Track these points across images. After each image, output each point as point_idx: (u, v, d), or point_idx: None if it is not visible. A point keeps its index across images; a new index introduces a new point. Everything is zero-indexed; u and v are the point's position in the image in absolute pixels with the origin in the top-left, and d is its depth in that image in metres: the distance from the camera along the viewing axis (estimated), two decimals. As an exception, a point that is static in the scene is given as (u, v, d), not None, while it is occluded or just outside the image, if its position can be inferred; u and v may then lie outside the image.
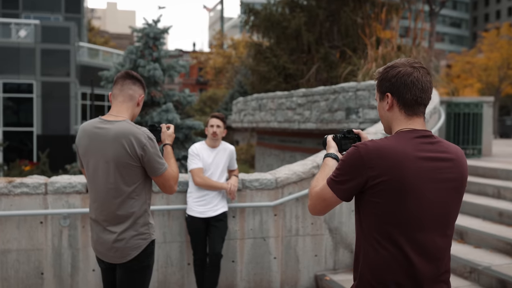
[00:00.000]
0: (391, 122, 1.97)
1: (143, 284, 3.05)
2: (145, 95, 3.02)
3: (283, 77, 15.87)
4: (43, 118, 24.30)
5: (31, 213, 4.50)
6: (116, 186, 2.92)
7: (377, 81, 2.01)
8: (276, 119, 11.71)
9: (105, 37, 57.45)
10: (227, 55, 42.79)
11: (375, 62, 10.32)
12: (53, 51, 24.52)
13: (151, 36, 10.29)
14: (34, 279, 4.60)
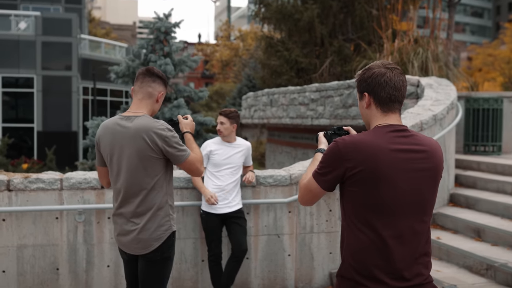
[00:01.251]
0: (369, 119, 2.29)
1: (164, 275, 3.34)
2: (158, 87, 3.36)
3: (295, 71, 16.08)
4: (43, 114, 24.62)
5: (46, 209, 4.79)
6: (139, 179, 3.22)
7: (356, 82, 2.32)
8: (288, 115, 11.95)
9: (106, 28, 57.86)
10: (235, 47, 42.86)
11: (391, 56, 10.53)
12: (54, 43, 24.84)
13: (162, 30, 10.57)
14: (49, 274, 4.90)
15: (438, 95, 7.54)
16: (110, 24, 70.66)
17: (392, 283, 2.12)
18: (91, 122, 11.00)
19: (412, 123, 6.22)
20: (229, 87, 42.20)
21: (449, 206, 6.79)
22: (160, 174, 3.27)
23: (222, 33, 49.29)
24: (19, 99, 25.49)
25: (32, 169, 16.13)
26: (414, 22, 12.74)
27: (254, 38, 37.83)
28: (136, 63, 10.70)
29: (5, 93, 24.83)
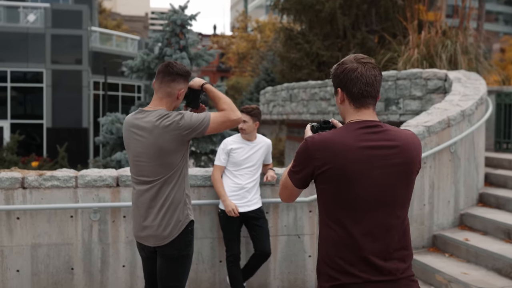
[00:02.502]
0: (344, 114, 2.41)
1: (182, 274, 3.50)
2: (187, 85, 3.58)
3: (316, 64, 16.13)
4: (53, 110, 24.95)
5: (61, 207, 4.95)
6: (156, 171, 3.41)
7: (331, 77, 2.44)
8: (308, 110, 12.03)
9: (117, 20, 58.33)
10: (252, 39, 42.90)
11: (417, 48, 10.55)
12: (64, 36, 25.16)
13: (178, 23, 10.71)
14: (64, 274, 5.06)
15: (466, 89, 7.57)
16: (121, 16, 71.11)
17: (365, 276, 2.24)
18: (104, 119, 11.19)
19: (438, 119, 6.27)
20: (246, 81, 42.25)
21: (478, 207, 6.83)
22: (177, 167, 3.43)
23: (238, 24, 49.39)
24: (27, 94, 25.86)
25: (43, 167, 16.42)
26: (443, 12, 12.71)
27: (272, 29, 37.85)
28: (151, 57, 10.85)
29: (13, 88, 25.21)
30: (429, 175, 6.12)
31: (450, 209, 6.36)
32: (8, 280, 4.93)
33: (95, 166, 11.45)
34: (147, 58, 10.90)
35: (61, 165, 15.87)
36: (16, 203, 4.91)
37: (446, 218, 6.32)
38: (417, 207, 6.02)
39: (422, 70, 8.62)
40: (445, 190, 6.29)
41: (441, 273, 5.29)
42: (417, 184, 6.00)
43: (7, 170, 5.16)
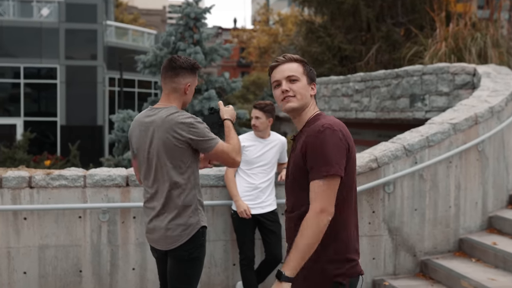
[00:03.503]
0: (310, 104, 2.73)
1: (192, 276, 3.55)
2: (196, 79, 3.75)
3: (338, 59, 16.05)
4: (67, 107, 25.19)
5: (69, 207, 4.99)
6: (165, 172, 3.46)
7: (304, 66, 2.73)
8: (330, 107, 11.98)
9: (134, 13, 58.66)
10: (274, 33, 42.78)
11: (444, 42, 10.44)
12: (79, 31, 25.38)
13: (192, 16, 10.72)
14: (72, 276, 5.10)
15: (496, 85, 7.47)
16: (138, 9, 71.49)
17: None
18: (116, 116, 11.26)
19: (465, 116, 6.20)
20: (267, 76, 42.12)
21: (508, 209, 6.73)
22: (187, 167, 3.48)
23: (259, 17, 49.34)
24: (41, 91, 26.14)
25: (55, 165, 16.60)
26: (473, 3, 12.56)
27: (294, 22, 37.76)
28: (163, 52, 10.89)
29: (26, 84, 25.49)
30: (455, 175, 6.05)
31: (477, 211, 6.28)
32: (15, 282, 4.99)
33: (107, 165, 11.53)
34: (160, 53, 10.94)
35: (72, 163, 16.03)
36: (23, 203, 4.96)
37: (474, 221, 6.24)
38: (442, 208, 5.95)
39: (450, 65, 8.53)
40: (473, 191, 6.21)
41: (467, 279, 5.22)
42: (442, 185, 5.94)
43: (14, 169, 5.22)
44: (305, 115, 2.71)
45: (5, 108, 25.98)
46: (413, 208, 5.79)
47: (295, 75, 2.67)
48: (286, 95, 2.67)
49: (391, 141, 6.05)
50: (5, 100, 26.02)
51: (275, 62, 2.74)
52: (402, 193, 5.75)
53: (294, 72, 2.68)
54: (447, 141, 5.98)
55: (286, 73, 2.69)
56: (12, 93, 25.82)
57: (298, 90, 2.66)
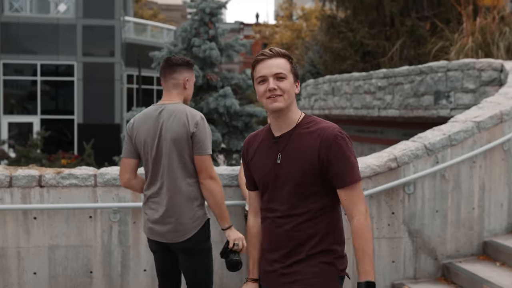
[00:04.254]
0: (294, 103, 2.73)
1: (207, 267, 3.83)
2: (194, 73, 4.07)
3: (360, 55, 16.01)
4: (84, 105, 25.45)
5: (80, 207, 5.05)
6: (175, 164, 3.66)
7: (290, 63, 2.69)
8: (352, 105, 11.95)
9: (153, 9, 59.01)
10: (297, 28, 42.70)
11: (471, 37, 10.35)
12: (96, 27, 25.60)
13: (207, 11, 10.77)
14: (82, 277, 5.16)
15: (524, 81, 7.39)
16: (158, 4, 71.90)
17: None
18: (130, 114, 11.34)
19: (490, 114, 6.13)
20: (289, 74, 42.11)
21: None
22: (191, 161, 3.71)
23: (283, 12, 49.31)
24: (58, 88, 26.44)
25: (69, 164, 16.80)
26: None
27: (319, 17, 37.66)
28: (178, 48, 10.96)
29: (43, 82, 25.79)
30: (479, 175, 5.99)
31: (503, 213, 6.21)
32: (25, 283, 5.07)
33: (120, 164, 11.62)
34: (174, 49, 11.00)
35: (87, 162, 16.19)
36: (33, 202, 5.03)
37: (499, 223, 6.18)
38: (465, 210, 5.90)
39: (476, 60, 8.45)
40: (498, 192, 6.14)
41: (489, 283, 5.17)
42: (465, 186, 5.89)
43: (24, 168, 5.29)
44: (292, 115, 2.69)
45: (22, 106, 26.34)
46: (435, 210, 5.75)
47: (283, 73, 2.63)
48: (273, 93, 2.62)
49: (411, 140, 6.02)
50: (22, 98, 26.38)
51: (261, 56, 2.67)
52: (423, 194, 5.72)
53: (282, 70, 2.63)
54: (471, 140, 5.93)
55: (274, 70, 2.63)
56: (29, 91, 26.18)
57: (286, 88, 2.62)
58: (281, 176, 2.66)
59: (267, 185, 2.71)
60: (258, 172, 2.74)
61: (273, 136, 2.72)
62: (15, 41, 24.91)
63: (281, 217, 2.68)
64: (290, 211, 2.66)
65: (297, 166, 2.63)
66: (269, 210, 2.73)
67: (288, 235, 2.67)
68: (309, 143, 2.61)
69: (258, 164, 2.75)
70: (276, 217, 2.69)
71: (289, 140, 2.66)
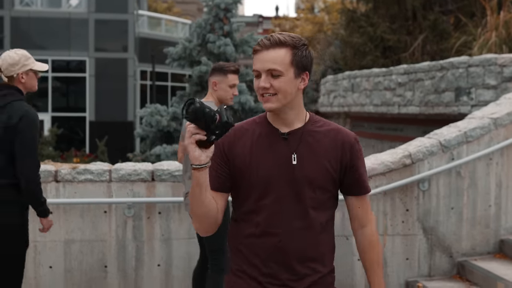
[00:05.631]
0: (299, 101, 2.45)
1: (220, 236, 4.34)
2: (212, 77, 4.57)
3: (380, 50, 16.21)
4: (96, 102, 25.74)
5: (95, 201, 5.40)
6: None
7: (294, 53, 2.36)
8: (371, 101, 12.20)
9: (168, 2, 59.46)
10: (318, 21, 42.69)
11: (495, 31, 10.53)
12: (109, 21, 25.88)
13: (222, 7, 11.10)
14: (97, 272, 5.51)
15: (545, 77, 7.60)
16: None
17: None
18: (144, 110, 11.70)
19: (507, 111, 6.36)
20: (311, 69, 42.11)
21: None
22: None
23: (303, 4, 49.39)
24: (70, 85, 26.80)
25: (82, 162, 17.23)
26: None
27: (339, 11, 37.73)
28: (192, 44, 11.30)
29: (55, 78, 26.15)
30: (496, 172, 6.22)
31: (521, 211, 6.43)
32: (41, 276, 5.42)
33: (134, 160, 12.00)
34: (189, 45, 11.35)
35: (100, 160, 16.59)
36: (49, 197, 5.33)
37: (517, 221, 6.40)
38: (481, 208, 6.13)
39: (497, 56, 8.67)
40: (515, 189, 6.36)
41: (503, 281, 5.42)
42: (482, 183, 6.13)
43: (41, 163, 5.65)
44: (295, 111, 2.44)
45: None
46: (450, 207, 6.00)
47: (278, 69, 2.33)
48: (265, 92, 2.36)
49: (427, 136, 6.28)
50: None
51: (257, 46, 2.39)
52: (438, 191, 5.97)
53: (278, 65, 2.33)
54: (487, 137, 6.16)
55: (267, 65, 2.34)
56: (39, 87, 26.37)
57: (280, 87, 2.34)
58: (297, 179, 2.40)
59: (267, 189, 2.40)
60: (257, 174, 2.39)
61: (278, 131, 2.44)
62: (26, 36, 25.29)
63: (290, 231, 2.42)
64: (305, 221, 2.43)
65: (318, 168, 2.43)
66: (266, 221, 2.41)
67: (300, 253, 2.43)
68: (327, 143, 2.44)
69: (258, 164, 2.40)
70: (282, 230, 2.41)
71: (302, 138, 2.43)
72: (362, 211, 2.56)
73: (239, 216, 2.47)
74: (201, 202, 2.30)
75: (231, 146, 2.43)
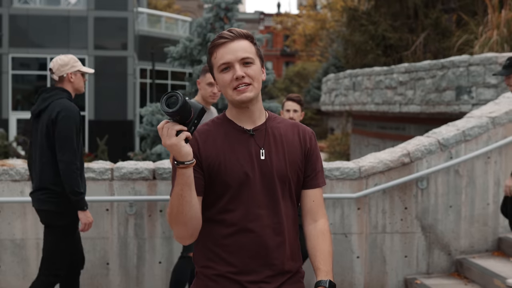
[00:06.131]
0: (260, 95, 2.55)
1: None
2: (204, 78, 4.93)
3: (382, 48, 16.37)
4: (96, 100, 25.92)
5: (97, 199, 5.58)
6: None
7: (255, 44, 2.49)
8: (373, 100, 12.37)
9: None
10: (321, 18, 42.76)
11: (496, 30, 10.69)
12: (108, 19, 26.07)
13: (223, 6, 11.30)
14: (99, 269, 5.69)
15: (545, 76, 7.75)
16: (173, -6, 72.43)
17: None
18: (145, 109, 11.87)
19: (506, 110, 6.52)
20: (313, 67, 42.35)
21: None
22: None
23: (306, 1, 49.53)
24: (68, 83, 26.94)
25: (83, 162, 17.39)
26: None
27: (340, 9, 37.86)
28: (193, 43, 11.50)
29: (53, 76, 26.34)
30: (494, 171, 6.40)
31: (519, 210, 6.60)
32: (43, 273, 5.61)
33: (135, 159, 12.18)
34: (189, 44, 11.54)
35: (101, 159, 16.78)
36: (51, 195, 5.57)
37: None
38: (479, 206, 6.31)
39: (498, 55, 8.84)
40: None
41: (500, 277, 5.59)
42: (480, 181, 6.30)
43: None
44: (260, 105, 2.53)
45: (31, 102, 26.91)
46: (448, 205, 6.17)
47: (250, 57, 2.41)
48: (242, 82, 2.38)
49: (425, 135, 6.45)
50: (30, 93, 26.98)
51: (221, 39, 2.42)
52: (436, 189, 6.14)
53: (249, 53, 2.41)
54: (485, 136, 6.34)
55: (239, 54, 2.39)
56: (38, 86, 26.69)
57: (255, 75, 2.41)
58: (268, 174, 2.45)
59: (241, 186, 2.42)
60: (231, 172, 2.42)
61: (243, 129, 2.48)
62: (24, 34, 25.49)
63: (267, 226, 2.45)
64: (279, 216, 2.47)
65: (286, 161, 2.49)
66: (241, 218, 2.42)
67: (278, 247, 2.45)
68: (290, 137, 2.53)
69: (230, 162, 2.43)
70: (260, 225, 2.43)
71: (267, 133, 2.49)
72: (316, 204, 2.55)
73: (211, 217, 2.45)
74: (189, 203, 2.29)
75: (200, 148, 2.43)
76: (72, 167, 4.45)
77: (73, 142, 4.47)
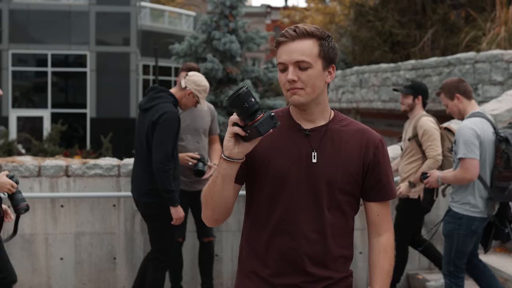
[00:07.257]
0: (325, 96, 2.46)
1: None
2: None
3: (389, 45, 16.55)
4: (98, 97, 26.02)
5: (104, 195, 5.94)
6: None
7: (321, 44, 2.37)
8: (380, 97, 12.63)
9: (171, -8, 59.73)
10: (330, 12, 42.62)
11: (504, 26, 10.92)
12: (110, 14, 26.15)
13: (227, 4, 11.63)
14: (106, 263, 6.04)
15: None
16: (177, -13, 72.42)
17: None
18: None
19: (508, 107, 6.81)
20: (321, 63, 42.20)
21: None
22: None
23: (314, -6, 49.53)
24: (69, 80, 27.07)
25: (87, 158, 17.68)
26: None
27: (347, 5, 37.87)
28: (198, 41, 11.86)
29: (54, 73, 26.46)
30: (496, 168, 6.67)
31: (522, 207, 6.86)
32: (52, 267, 5.96)
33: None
34: (194, 42, 11.89)
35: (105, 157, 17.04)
36: (60, 191, 5.91)
37: (518, 217, 6.84)
38: (481, 202, 6.58)
39: (504, 52, 9.11)
40: (516, 185, 6.80)
41: (499, 272, 5.89)
42: (482, 178, 6.57)
43: (52, 158, 6.21)
44: (321, 108, 2.44)
45: (31, 99, 27.03)
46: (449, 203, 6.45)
47: (306, 61, 2.32)
48: (293, 86, 2.33)
49: (428, 133, 6.72)
50: (31, 90, 27.14)
51: (283, 37, 2.37)
52: (438, 186, 6.42)
53: (306, 57, 2.32)
54: (487, 133, 6.61)
55: (294, 57, 2.32)
56: (38, 83, 26.83)
57: (309, 80, 2.33)
58: (315, 178, 2.39)
59: (282, 185, 2.40)
60: (274, 169, 2.39)
61: (300, 127, 2.43)
62: (24, 30, 25.59)
63: (305, 232, 2.41)
64: (321, 223, 2.42)
65: (339, 168, 2.41)
66: (279, 219, 2.41)
67: (313, 255, 2.42)
68: (351, 143, 2.43)
69: (277, 159, 2.40)
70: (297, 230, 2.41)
71: (325, 136, 2.41)
72: (381, 218, 2.51)
73: (252, 214, 2.47)
74: (220, 193, 2.33)
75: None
76: (164, 167, 4.89)
77: (168, 146, 4.92)
